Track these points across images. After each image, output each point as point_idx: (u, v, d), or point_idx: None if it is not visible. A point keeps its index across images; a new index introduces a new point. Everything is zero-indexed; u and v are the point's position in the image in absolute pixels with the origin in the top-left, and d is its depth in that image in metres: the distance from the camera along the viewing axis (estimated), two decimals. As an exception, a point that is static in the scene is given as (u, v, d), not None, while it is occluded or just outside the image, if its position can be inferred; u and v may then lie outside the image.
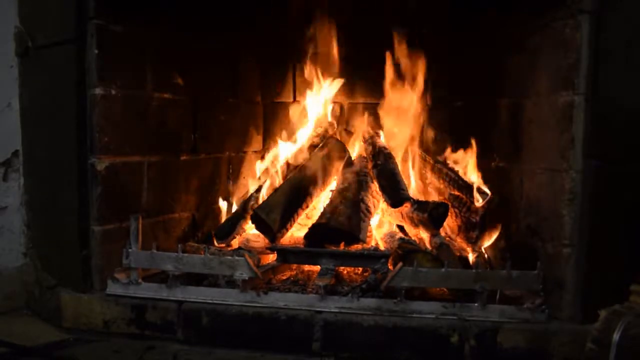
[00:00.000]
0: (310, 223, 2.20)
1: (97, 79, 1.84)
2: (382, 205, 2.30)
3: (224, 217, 2.39)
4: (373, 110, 2.58)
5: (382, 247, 2.13)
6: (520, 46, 1.94)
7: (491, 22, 2.11)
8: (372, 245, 2.14)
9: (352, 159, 2.47)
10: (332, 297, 1.76)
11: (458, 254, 2.11)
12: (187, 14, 2.11)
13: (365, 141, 2.52)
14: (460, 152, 2.31)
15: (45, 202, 2.08)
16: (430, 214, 2.07)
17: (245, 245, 2.11)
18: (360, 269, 2.02)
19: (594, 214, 1.67)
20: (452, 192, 2.26)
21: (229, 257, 1.81)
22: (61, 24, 1.89)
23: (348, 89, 2.61)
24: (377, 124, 2.56)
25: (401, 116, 2.51)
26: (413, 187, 2.43)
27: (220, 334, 1.77)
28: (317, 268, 1.93)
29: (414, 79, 2.46)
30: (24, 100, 2.16)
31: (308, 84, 2.60)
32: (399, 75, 2.49)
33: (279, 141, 2.63)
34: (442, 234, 2.18)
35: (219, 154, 2.45)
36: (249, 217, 2.24)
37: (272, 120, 2.70)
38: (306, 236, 2.12)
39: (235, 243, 2.22)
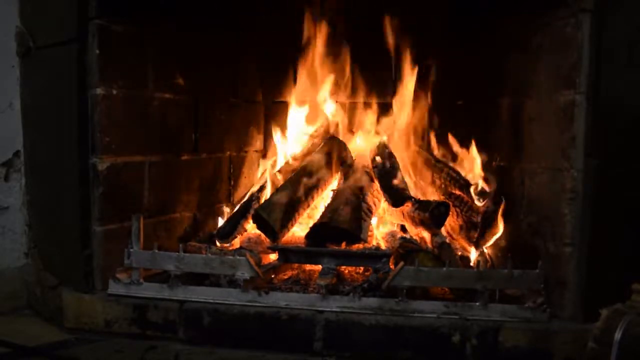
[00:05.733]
0: (311, 222, 2.21)
1: (99, 78, 1.84)
2: (383, 204, 2.30)
3: (225, 217, 2.39)
4: (375, 110, 2.58)
5: (383, 246, 2.13)
6: (521, 45, 1.94)
7: (492, 21, 2.11)
8: (373, 245, 2.15)
9: (353, 158, 2.47)
10: (334, 297, 1.76)
11: (459, 253, 2.11)
12: (188, 14, 2.11)
13: (366, 140, 2.52)
14: (462, 151, 2.31)
15: (46, 202, 2.09)
16: (431, 214, 2.07)
17: (247, 245, 2.11)
18: (362, 268, 2.02)
19: (595, 213, 1.67)
20: (453, 192, 2.26)
21: (231, 257, 1.81)
22: (62, 24, 1.89)
23: (350, 87, 2.60)
24: (378, 123, 2.56)
25: (402, 115, 2.51)
26: (414, 186, 2.43)
27: (221, 334, 1.77)
28: (319, 267, 1.93)
29: (415, 78, 2.46)
30: (26, 100, 2.16)
31: (309, 84, 2.60)
32: (401, 74, 2.49)
33: (280, 141, 2.63)
34: (443, 233, 2.18)
35: (220, 153, 2.45)
36: (250, 216, 2.24)
37: (273, 120, 2.70)
38: (307, 236, 2.12)
39: (237, 243, 2.22)
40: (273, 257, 2.07)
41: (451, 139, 2.38)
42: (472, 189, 2.17)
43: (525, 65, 1.93)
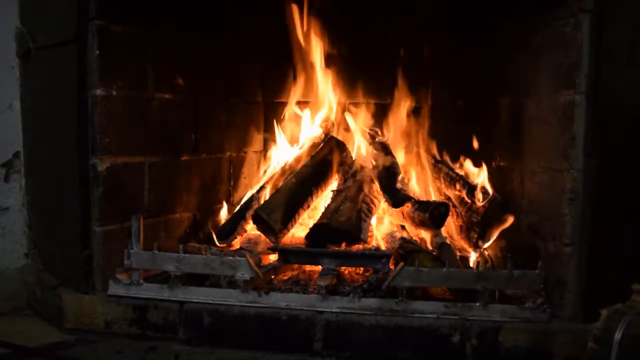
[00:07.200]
0: (311, 223, 2.21)
1: (98, 79, 1.84)
2: (383, 205, 2.30)
3: (225, 218, 2.39)
4: (374, 110, 2.58)
5: (383, 247, 2.13)
6: (521, 45, 1.94)
7: (492, 21, 2.11)
8: (373, 245, 2.15)
9: (353, 158, 2.47)
10: (334, 297, 1.76)
11: (459, 253, 2.11)
12: (188, 14, 2.11)
13: (366, 141, 2.52)
14: (462, 152, 2.31)
15: (46, 202, 2.09)
16: (431, 214, 2.08)
17: (247, 245, 2.11)
18: (362, 269, 2.02)
19: (595, 213, 1.67)
20: (453, 192, 2.26)
21: (230, 258, 1.81)
22: (62, 25, 1.89)
23: (349, 88, 2.61)
24: (378, 123, 2.56)
25: (402, 116, 2.51)
26: (414, 186, 2.43)
27: (221, 334, 1.77)
28: (319, 268, 1.93)
29: (415, 78, 2.46)
30: (25, 101, 2.16)
31: (309, 84, 2.60)
32: (400, 74, 2.49)
33: (280, 141, 2.63)
34: (443, 233, 2.18)
35: (219, 154, 2.45)
36: (250, 217, 2.24)
37: (272, 120, 2.70)
38: (307, 236, 2.12)
39: (237, 243, 2.22)
40: (273, 257, 2.07)
41: (451, 139, 2.39)
42: (472, 189, 2.17)
43: (525, 65, 1.93)
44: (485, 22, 2.15)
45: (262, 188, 2.41)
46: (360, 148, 2.53)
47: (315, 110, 2.61)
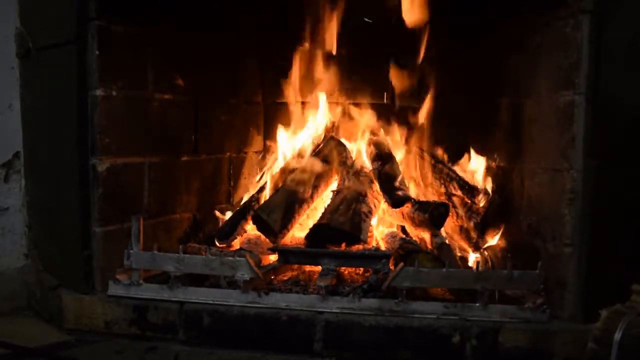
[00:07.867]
0: (311, 223, 2.21)
1: (98, 80, 1.84)
2: (383, 205, 2.30)
3: (224, 218, 2.39)
4: (374, 111, 2.58)
5: (383, 247, 2.13)
6: (521, 46, 1.94)
7: (492, 21, 2.11)
8: (373, 246, 2.15)
9: (353, 159, 2.47)
10: (334, 298, 1.76)
11: (459, 254, 2.11)
12: (188, 14, 2.11)
13: (365, 141, 2.52)
14: (461, 152, 2.31)
15: (46, 203, 2.09)
16: (431, 214, 2.08)
17: (247, 245, 2.11)
18: (362, 269, 2.02)
19: (595, 214, 1.67)
20: (453, 192, 2.26)
21: (230, 258, 1.81)
22: (62, 25, 1.88)
23: (349, 89, 2.61)
24: (378, 124, 2.56)
25: (402, 116, 2.51)
26: (414, 187, 2.43)
27: (221, 335, 1.77)
28: (319, 268, 1.93)
29: (415, 78, 2.46)
30: (25, 101, 2.16)
31: (309, 84, 2.60)
32: (400, 75, 2.49)
33: (280, 141, 2.63)
34: (443, 234, 2.18)
35: (219, 154, 2.45)
36: (250, 217, 2.24)
37: (272, 121, 2.70)
38: (307, 237, 2.12)
39: (237, 244, 2.22)
40: (273, 258, 2.07)
41: (451, 140, 2.39)
42: (472, 190, 2.17)
43: (525, 65, 1.93)
44: (485, 22, 2.15)
45: (262, 188, 2.41)
46: (360, 148, 2.53)
47: (316, 111, 2.61)
